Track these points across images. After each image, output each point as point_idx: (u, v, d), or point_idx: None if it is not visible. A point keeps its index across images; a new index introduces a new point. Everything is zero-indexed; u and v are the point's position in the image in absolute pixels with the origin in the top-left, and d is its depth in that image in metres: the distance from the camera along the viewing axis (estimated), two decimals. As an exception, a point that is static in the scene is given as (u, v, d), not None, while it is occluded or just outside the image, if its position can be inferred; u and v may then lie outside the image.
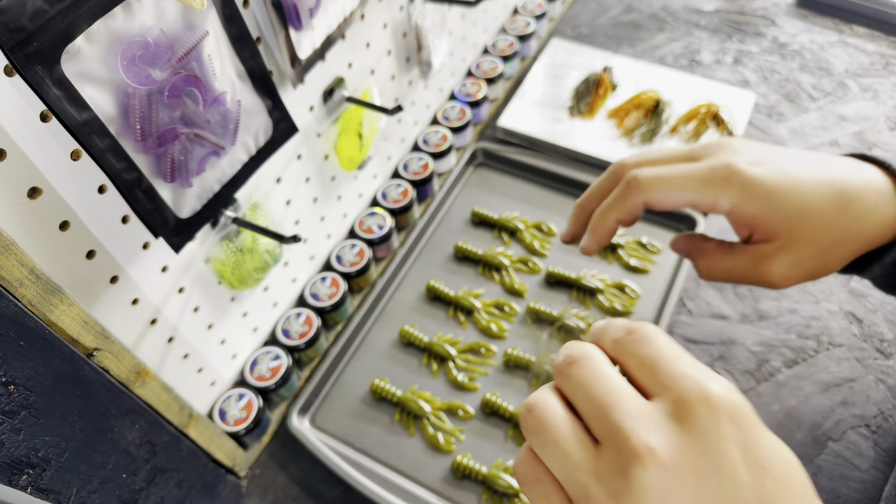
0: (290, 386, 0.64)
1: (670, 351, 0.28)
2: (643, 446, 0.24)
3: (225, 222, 0.51)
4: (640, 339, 0.29)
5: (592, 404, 0.27)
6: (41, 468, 0.38)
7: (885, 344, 0.65)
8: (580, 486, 0.26)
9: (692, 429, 0.25)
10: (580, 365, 0.28)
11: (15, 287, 0.35)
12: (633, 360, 0.28)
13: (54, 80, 0.34)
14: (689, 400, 0.25)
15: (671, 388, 0.26)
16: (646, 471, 0.24)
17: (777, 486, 0.24)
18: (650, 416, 0.25)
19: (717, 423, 0.25)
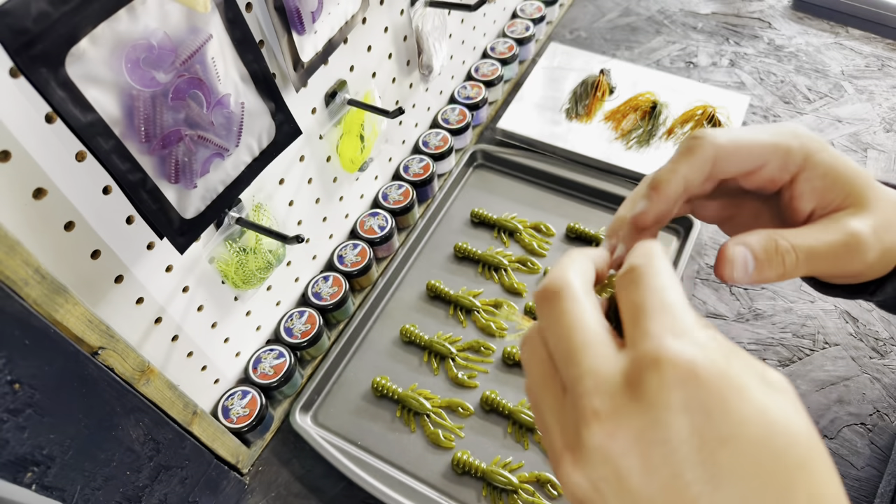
0: (292, 383, 0.64)
1: (656, 300, 0.25)
2: (590, 410, 0.24)
3: (229, 223, 0.52)
4: (634, 280, 0.27)
5: (559, 352, 0.26)
6: (46, 466, 0.38)
7: (880, 343, 0.65)
8: (548, 429, 0.26)
9: (641, 395, 0.23)
10: (551, 304, 0.27)
11: (20, 286, 0.35)
12: (623, 301, 0.27)
13: (59, 82, 0.34)
14: (641, 363, 0.24)
15: (634, 346, 0.24)
16: (592, 435, 0.23)
17: (739, 467, 0.22)
18: (607, 377, 0.24)
19: (667, 391, 0.23)
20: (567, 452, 0.25)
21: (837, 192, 0.37)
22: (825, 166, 0.36)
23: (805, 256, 0.35)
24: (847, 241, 0.35)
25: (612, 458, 0.23)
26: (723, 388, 0.23)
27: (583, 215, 0.78)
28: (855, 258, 0.36)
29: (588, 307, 0.27)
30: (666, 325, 0.24)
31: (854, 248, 0.36)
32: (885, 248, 0.37)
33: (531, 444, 0.62)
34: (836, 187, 0.37)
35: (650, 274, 0.26)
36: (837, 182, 0.37)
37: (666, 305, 0.25)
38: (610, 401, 0.24)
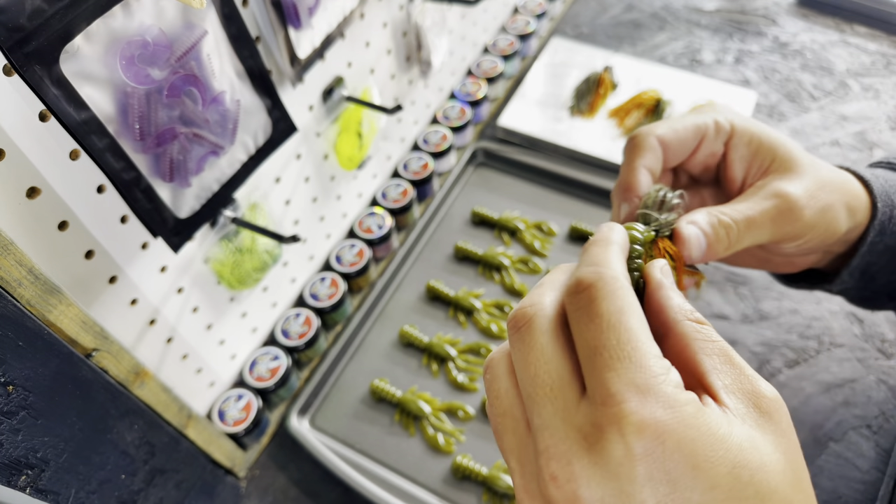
0: (289, 386, 0.63)
1: (613, 337, 0.23)
2: (548, 471, 0.22)
3: (224, 222, 0.51)
4: (584, 307, 0.24)
5: (524, 391, 0.25)
6: (40, 469, 0.38)
7: (887, 344, 0.65)
8: (510, 469, 0.25)
9: (604, 463, 0.21)
10: (521, 335, 0.25)
11: (13, 287, 0.34)
12: (577, 336, 0.24)
13: (53, 80, 0.34)
14: (605, 429, 0.22)
15: (595, 404, 0.22)
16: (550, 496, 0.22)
17: None
18: (566, 433, 0.23)
19: (632, 463, 0.21)
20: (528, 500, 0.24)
21: (764, 157, 0.39)
22: (749, 134, 0.39)
23: (745, 226, 0.37)
24: (779, 205, 0.37)
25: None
26: (692, 452, 0.21)
27: (586, 214, 0.78)
28: (790, 219, 0.38)
29: (557, 344, 0.25)
30: (628, 378, 0.22)
31: (787, 210, 0.37)
32: (822, 207, 0.38)
33: (532, 447, 0.61)
34: (762, 152, 0.39)
35: (602, 297, 0.24)
36: (762, 147, 0.39)
37: (625, 349, 0.23)
38: (568, 465, 0.22)
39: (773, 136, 0.40)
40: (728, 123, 0.40)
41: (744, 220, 0.37)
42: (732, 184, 0.41)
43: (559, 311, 0.26)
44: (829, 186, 0.39)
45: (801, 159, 0.39)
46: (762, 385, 0.24)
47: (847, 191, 0.40)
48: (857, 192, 0.41)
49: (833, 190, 0.39)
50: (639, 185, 0.38)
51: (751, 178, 0.40)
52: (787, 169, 0.39)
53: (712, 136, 0.40)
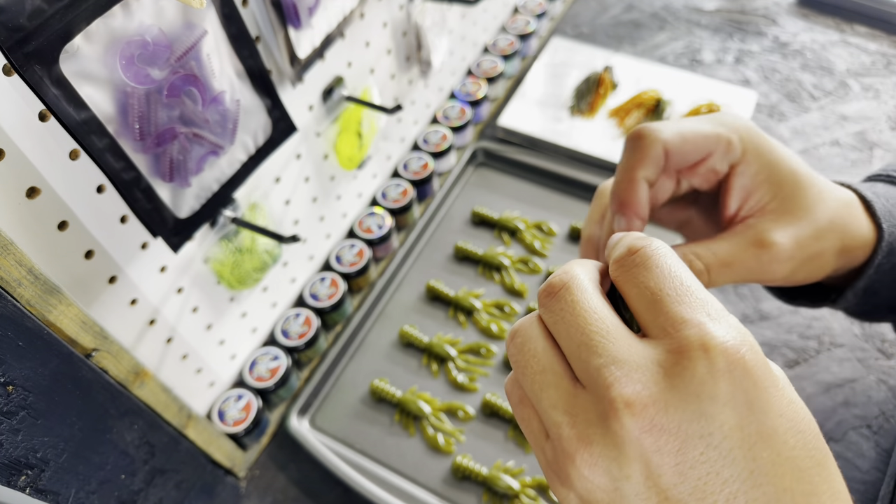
0: (289, 387, 0.63)
1: (675, 282, 0.24)
2: (622, 399, 0.22)
3: (224, 222, 0.51)
4: (640, 264, 0.25)
5: (573, 344, 0.24)
6: (40, 469, 0.38)
7: (887, 344, 0.65)
8: (554, 425, 0.24)
9: (684, 385, 0.21)
10: (560, 297, 0.25)
11: (13, 287, 0.34)
12: (633, 289, 0.25)
13: (53, 80, 0.34)
14: (685, 351, 0.22)
15: (669, 334, 0.23)
16: (622, 426, 0.21)
17: (776, 464, 0.21)
18: (638, 364, 0.22)
19: (715, 380, 0.21)
20: (584, 447, 0.22)
21: (765, 193, 0.37)
22: (758, 164, 0.36)
23: (719, 270, 0.36)
24: (760, 256, 0.35)
25: (644, 453, 0.21)
26: (764, 378, 0.22)
27: (586, 214, 0.77)
28: (768, 270, 0.36)
29: (600, 298, 0.25)
30: (699, 308, 0.23)
31: (767, 261, 0.36)
32: (809, 256, 0.36)
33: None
34: (764, 188, 0.36)
35: (658, 255, 0.25)
36: (767, 182, 0.36)
37: (689, 288, 0.23)
38: (644, 390, 0.22)
39: (782, 171, 0.37)
40: (740, 147, 0.37)
41: (718, 264, 0.36)
42: (726, 209, 0.38)
43: (594, 278, 0.26)
44: (826, 233, 0.37)
45: (803, 200, 0.36)
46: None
47: (846, 231, 0.38)
48: (855, 229, 0.38)
49: (829, 236, 0.37)
50: (638, 204, 0.36)
51: (745, 211, 0.38)
52: (784, 211, 0.36)
53: (720, 154, 0.37)
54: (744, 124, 0.37)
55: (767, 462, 0.21)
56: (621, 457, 0.22)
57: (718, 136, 0.36)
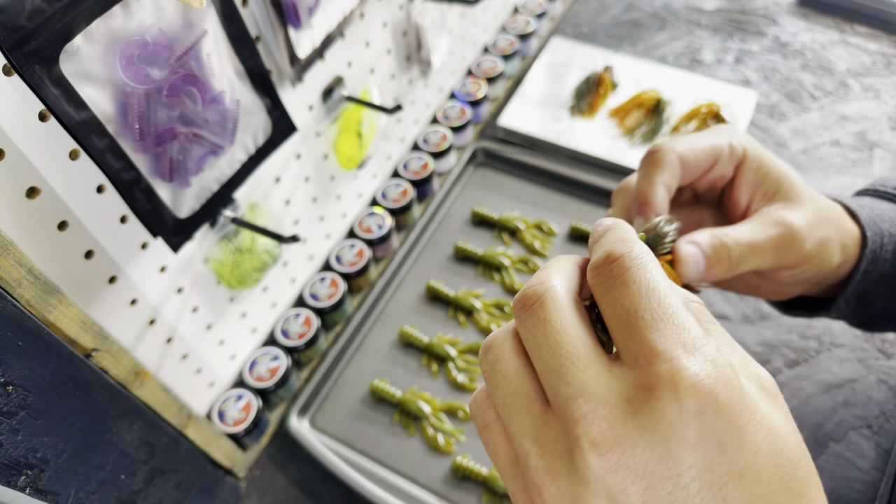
0: (289, 387, 0.63)
1: (652, 302, 0.22)
2: (587, 438, 0.21)
3: (224, 222, 0.51)
4: (618, 276, 0.23)
5: (544, 366, 0.23)
6: (39, 469, 0.38)
7: (887, 344, 0.64)
8: (523, 453, 0.23)
9: (652, 426, 0.21)
10: (533, 312, 0.24)
11: (13, 287, 0.34)
12: (609, 305, 0.24)
13: (53, 80, 0.34)
14: (655, 389, 0.21)
15: (640, 366, 0.22)
16: (587, 465, 0.21)
17: (746, 497, 0.21)
18: (606, 399, 0.22)
19: (683, 423, 0.21)
20: (551, 481, 0.22)
21: (770, 185, 0.41)
22: (759, 161, 0.41)
23: (748, 250, 0.38)
24: (783, 233, 0.39)
25: (610, 492, 0.21)
26: (738, 414, 0.21)
27: (586, 214, 0.78)
28: (791, 248, 0.39)
29: (575, 317, 0.24)
30: (674, 338, 0.22)
31: (790, 239, 0.39)
32: (820, 240, 0.40)
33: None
34: (769, 180, 0.40)
35: (636, 266, 0.23)
36: (769, 175, 0.40)
37: (666, 310, 0.22)
38: (610, 429, 0.21)
39: (779, 166, 0.41)
40: (741, 148, 0.40)
41: (747, 244, 0.38)
42: (736, 207, 0.42)
43: (571, 288, 0.25)
44: (827, 221, 0.41)
45: (803, 191, 0.40)
46: (761, 370, 0.24)
47: (841, 227, 0.41)
48: (849, 228, 0.42)
49: (830, 225, 0.41)
50: (657, 202, 0.38)
51: (755, 204, 0.41)
52: (790, 199, 0.40)
53: (726, 159, 0.40)
54: (740, 132, 0.41)
55: (738, 501, 0.20)
56: (587, 493, 0.21)
57: (721, 144, 0.40)
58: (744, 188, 0.41)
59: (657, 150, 0.39)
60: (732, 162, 0.41)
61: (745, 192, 0.41)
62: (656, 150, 0.39)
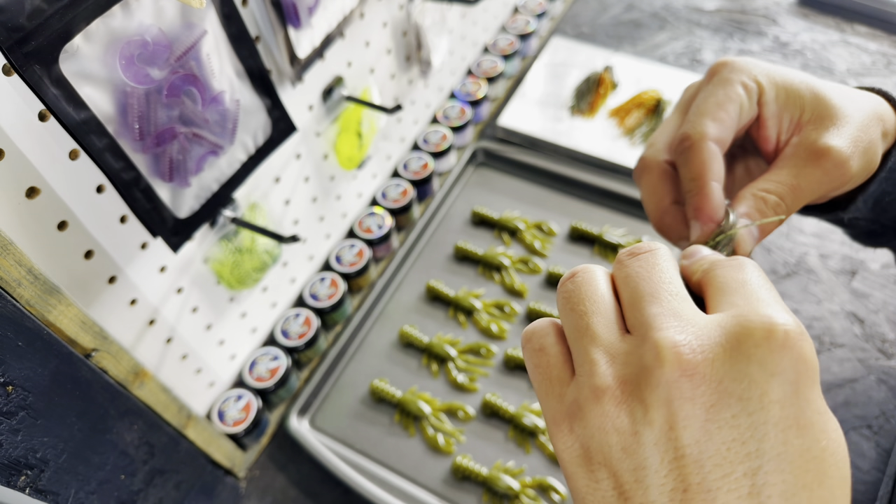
0: (289, 387, 0.63)
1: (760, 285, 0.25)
2: (670, 341, 0.22)
3: (223, 222, 0.51)
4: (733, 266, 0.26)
5: (639, 293, 0.25)
6: (39, 469, 0.38)
7: (887, 344, 0.65)
8: (589, 362, 0.24)
9: (738, 343, 0.21)
10: (643, 257, 0.26)
11: (13, 287, 0.34)
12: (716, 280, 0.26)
13: (52, 80, 0.34)
14: (751, 321, 0.22)
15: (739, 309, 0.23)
16: (663, 367, 0.21)
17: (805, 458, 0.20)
18: (696, 322, 0.23)
19: (770, 349, 0.21)
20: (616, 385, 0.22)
21: (794, 109, 0.36)
22: (775, 87, 0.36)
23: (792, 197, 0.35)
24: (823, 164, 0.35)
25: (676, 400, 0.21)
26: (815, 373, 0.22)
27: (586, 214, 0.78)
28: (838, 175, 0.35)
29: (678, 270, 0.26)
30: (777, 302, 0.23)
31: (833, 167, 0.35)
32: (865, 148, 0.36)
33: (533, 449, 0.61)
34: (790, 104, 0.36)
35: (752, 266, 0.26)
36: (790, 99, 0.36)
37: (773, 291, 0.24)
38: (695, 340, 0.22)
39: (796, 83, 0.37)
40: (753, 82, 0.36)
41: (789, 190, 0.35)
42: (767, 143, 0.38)
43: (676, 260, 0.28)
44: (867, 121, 0.36)
45: (831, 101, 0.36)
46: None
47: (880, 115, 0.37)
48: (889, 115, 0.38)
49: (870, 123, 0.36)
50: (715, 209, 0.35)
51: (784, 135, 0.37)
52: (821, 118, 0.36)
53: (747, 105, 0.36)
54: (743, 63, 0.37)
55: (796, 452, 0.20)
56: (651, 398, 0.21)
57: (737, 92, 0.36)
58: (770, 122, 0.37)
59: (691, 146, 0.36)
60: (753, 101, 0.37)
61: (771, 125, 0.37)
62: (689, 146, 0.36)
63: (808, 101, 0.36)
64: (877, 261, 0.70)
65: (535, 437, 0.61)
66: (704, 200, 0.35)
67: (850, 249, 0.72)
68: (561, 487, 0.58)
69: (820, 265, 0.71)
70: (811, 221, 0.75)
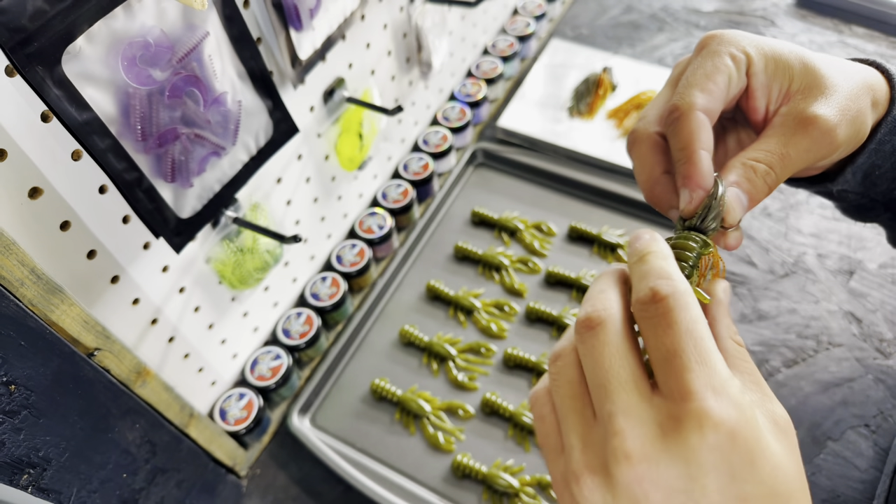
0: (290, 385, 0.64)
1: (690, 344, 0.26)
2: (622, 450, 0.25)
3: (225, 222, 0.51)
4: (661, 316, 0.27)
5: (595, 382, 0.27)
6: (42, 468, 0.38)
7: (885, 344, 0.65)
8: (570, 447, 0.28)
9: (677, 449, 0.25)
10: (593, 335, 0.28)
11: (16, 287, 0.35)
12: (652, 340, 0.27)
13: (55, 81, 0.34)
14: (684, 420, 0.25)
15: (674, 399, 0.26)
16: (619, 471, 0.25)
17: None
18: (642, 419, 0.26)
19: (704, 452, 0.25)
20: (588, 474, 0.27)
21: (783, 79, 0.37)
22: (764, 57, 0.37)
23: (781, 166, 0.35)
24: (811, 132, 0.35)
25: (634, 496, 0.25)
26: (750, 450, 0.25)
27: (585, 215, 0.78)
28: (825, 143, 0.35)
29: (627, 345, 0.28)
30: (706, 380, 0.25)
31: (820, 136, 0.35)
32: (853, 117, 0.36)
33: (532, 448, 0.61)
34: (779, 74, 0.36)
35: (678, 307, 0.27)
36: (778, 68, 0.36)
37: (702, 354, 0.26)
38: (642, 447, 0.25)
39: (785, 53, 0.37)
40: (742, 52, 0.36)
41: (778, 159, 0.35)
42: (756, 113, 0.38)
43: (627, 317, 0.29)
44: (856, 90, 0.36)
45: (820, 71, 0.36)
46: (778, 407, 0.28)
47: (871, 85, 0.37)
48: (880, 85, 0.38)
49: (860, 93, 0.36)
50: (701, 176, 0.35)
51: (774, 104, 0.37)
52: (809, 87, 0.36)
53: (735, 76, 0.36)
54: (731, 35, 0.37)
55: None
56: (615, 491, 0.26)
57: (725, 63, 0.36)
58: (760, 92, 0.37)
59: (679, 116, 0.36)
60: (742, 71, 0.37)
61: (760, 95, 0.37)
62: (678, 116, 0.36)
63: (798, 71, 0.36)
64: (874, 261, 0.71)
65: (535, 435, 0.61)
66: (693, 168, 0.35)
67: (848, 249, 0.72)
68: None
69: (818, 265, 0.71)
70: (809, 221, 0.75)
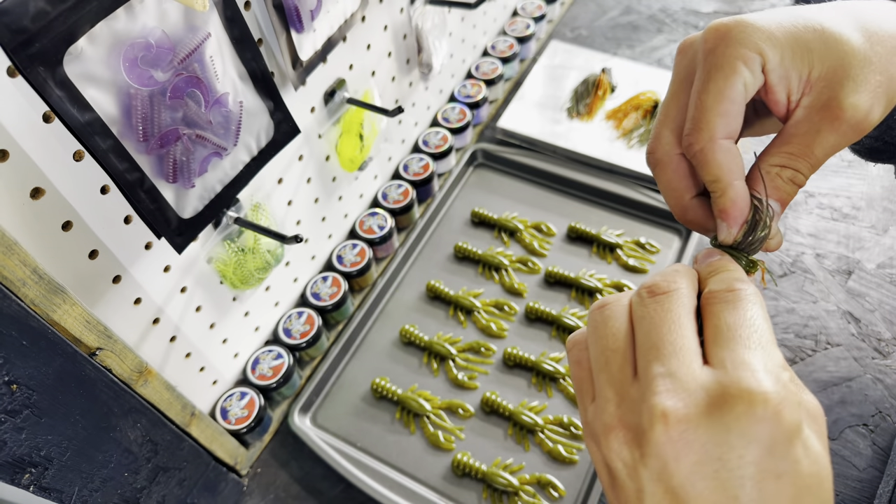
0: (291, 385, 0.64)
1: (752, 330, 0.27)
2: (661, 407, 0.25)
3: (227, 222, 0.52)
4: (731, 301, 0.28)
5: (647, 343, 0.27)
6: (43, 467, 0.38)
7: (883, 343, 0.65)
8: (603, 398, 0.28)
9: (720, 416, 0.25)
10: (659, 300, 0.28)
11: (18, 287, 0.35)
12: (713, 318, 0.28)
13: (57, 81, 0.34)
14: (731, 389, 0.25)
15: (726, 368, 0.26)
16: (653, 428, 0.25)
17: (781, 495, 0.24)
18: (688, 386, 0.25)
19: (748, 423, 0.24)
20: (621, 428, 0.26)
21: (803, 64, 0.33)
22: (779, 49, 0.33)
23: (808, 167, 0.33)
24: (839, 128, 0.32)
25: (664, 455, 0.25)
26: (791, 430, 0.25)
27: (584, 215, 0.78)
28: (859, 129, 0.33)
29: (690, 317, 0.28)
30: (762, 360, 0.26)
31: (849, 128, 0.32)
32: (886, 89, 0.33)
33: (532, 446, 0.62)
34: (798, 59, 0.33)
35: (749, 300, 0.28)
36: (796, 54, 0.33)
37: (762, 339, 0.27)
38: (684, 409, 0.25)
39: (802, 33, 0.33)
40: (754, 52, 0.33)
41: (804, 162, 0.33)
42: (778, 107, 0.34)
43: (694, 293, 0.29)
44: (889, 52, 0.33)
45: (843, 44, 0.32)
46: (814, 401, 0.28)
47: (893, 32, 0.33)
48: None
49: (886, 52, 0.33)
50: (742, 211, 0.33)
51: (795, 95, 0.34)
52: (833, 70, 0.32)
53: (751, 80, 0.33)
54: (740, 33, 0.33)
55: (772, 494, 0.24)
56: (645, 447, 0.25)
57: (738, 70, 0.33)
58: (779, 86, 0.33)
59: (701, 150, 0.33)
60: (758, 72, 0.33)
61: (780, 89, 0.33)
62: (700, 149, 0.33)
63: (818, 53, 0.32)
64: (872, 261, 0.71)
65: (534, 434, 0.62)
66: (728, 202, 0.33)
67: (846, 249, 0.72)
68: (559, 483, 0.58)
69: (816, 265, 0.71)
70: (808, 221, 0.75)
